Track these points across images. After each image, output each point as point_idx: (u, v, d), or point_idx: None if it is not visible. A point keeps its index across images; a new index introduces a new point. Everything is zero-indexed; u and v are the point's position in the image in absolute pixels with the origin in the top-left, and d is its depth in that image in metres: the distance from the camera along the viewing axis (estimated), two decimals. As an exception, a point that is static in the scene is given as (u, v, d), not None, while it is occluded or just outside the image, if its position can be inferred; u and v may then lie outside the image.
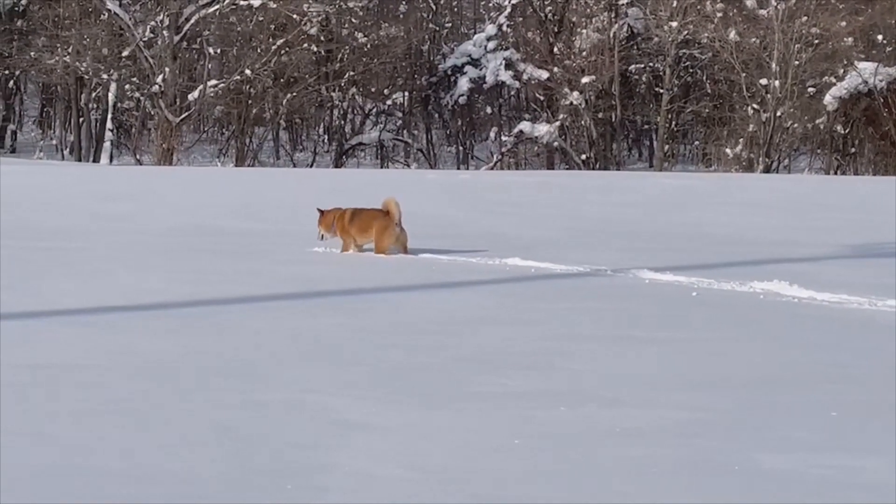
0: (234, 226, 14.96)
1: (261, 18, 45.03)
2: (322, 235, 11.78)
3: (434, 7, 53.08)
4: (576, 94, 44.42)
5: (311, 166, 48.39)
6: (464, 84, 48.85)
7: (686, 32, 43.10)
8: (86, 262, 10.35)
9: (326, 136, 52.79)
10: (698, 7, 42.89)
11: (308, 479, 4.24)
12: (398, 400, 5.45)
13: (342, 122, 50.89)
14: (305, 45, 46.06)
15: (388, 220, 11.18)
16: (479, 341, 6.97)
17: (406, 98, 51.78)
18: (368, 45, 48.50)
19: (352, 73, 48.41)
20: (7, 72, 51.00)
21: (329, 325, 7.40)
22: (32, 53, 46.92)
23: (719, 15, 42.64)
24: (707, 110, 45.41)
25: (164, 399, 5.33)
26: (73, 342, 6.56)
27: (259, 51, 44.78)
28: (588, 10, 46.79)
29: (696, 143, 48.54)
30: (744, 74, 41.73)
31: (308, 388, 5.61)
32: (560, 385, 5.86)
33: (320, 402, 5.34)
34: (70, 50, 45.46)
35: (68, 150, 49.78)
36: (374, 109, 51.20)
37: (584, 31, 46.04)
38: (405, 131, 51.70)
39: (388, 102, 50.56)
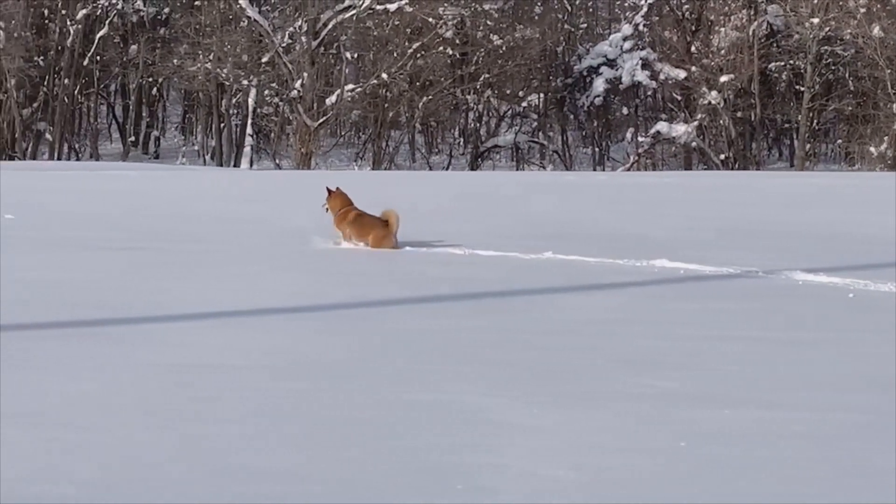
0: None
1: (397, 22, 45.39)
2: (327, 209, 12.20)
3: (569, 8, 52.88)
4: (714, 93, 43.86)
5: (447, 169, 48.62)
6: (599, 85, 48.59)
7: (828, 29, 42.24)
8: (232, 264, 10.50)
9: (462, 139, 53.00)
10: (840, 3, 42.01)
11: (476, 480, 4.21)
12: (555, 401, 5.40)
13: (477, 125, 51.03)
14: (441, 48, 46.33)
15: (385, 231, 11.65)
16: (633, 342, 6.89)
17: (541, 100, 51.68)
18: (503, 48, 48.55)
19: (487, 75, 48.52)
20: (151, 79, 52.26)
21: (479, 326, 7.39)
22: (175, 61, 48.01)
23: (862, 10, 41.69)
24: (850, 108, 44.44)
25: (318, 399, 5.36)
26: (223, 343, 6.64)
27: (395, 55, 45.17)
28: (726, 8, 46.17)
29: (839, 141, 47.54)
30: (888, 71, 40.75)
31: (463, 389, 5.60)
32: (717, 387, 5.75)
33: (476, 403, 5.31)
34: (211, 57, 46.38)
35: (210, 155, 50.76)
36: (510, 111, 51.22)
37: (723, 29, 45.44)
38: (540, 133, 51.62)
39: (524, 104, 50.54)
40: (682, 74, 45.63)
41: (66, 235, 12.75)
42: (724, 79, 43.62)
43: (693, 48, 46.19)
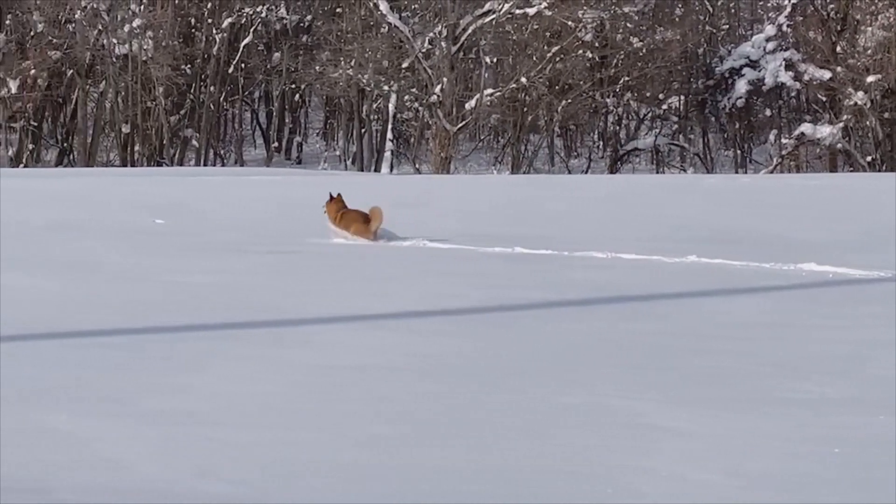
0: (514, 232, 15.09)
1: (536, 26, 45.33)
2: (325, 212, 13.41)
3: (711, 9, 52.23)
4: (860, 93, 42.90)
5: (586, 172, 48.40)
6: (742, 86, 47.89)
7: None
8: (379, 268, 10.62)
9: (601, 142, 52.71)
10: None
11: (626, 483, 4.21)
12: (706, 405, 5.35)
13: (617, 128, 50.72)
14: (580, 51, 46.13)
15: (365, 227, 12.70)
16: (784, 346, 6.79)
17: (682, 102, 51.15)
18: (643, 50, 48.18)
19: (626, 78, 48.19)
20: (293, 86, 53.05)
21: (627, 330, 7.36)
22: (317, 67, 48.63)
23: None
24: None
25: (468, 401, 5.40)
26: (370, 345, 6.72)
27: (534, 58, 45.10)
28: (873, 7, 45.12)
29: None
30: None
31: (612, 392, 5.58)
32: (871, 392, 5.64)
33: (627, 407, 5.30)
34: (352, 63, 46.89)
35: (350, 160, 51.33)
36: (650, 114, 50.78)
37: (869, 28, 44.42)
38: (681, 136, 51.08)
39: (664, 107, 50.07)
40: (826, 75, 44.73)
41: (216, 239, 13.02)
42: (870, 79, 42.64)
43: (838, 48, 45.24)
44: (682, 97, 50.98)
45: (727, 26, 53.36)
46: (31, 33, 46.06)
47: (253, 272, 10.05)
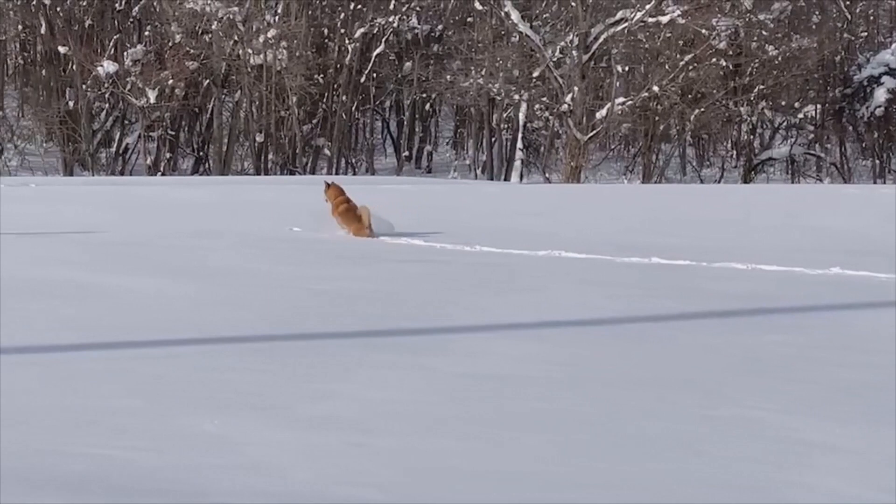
0: (648, 241, 14.96)
1: (669, 34, 44.96)
2: (326, 200, 14.57)
3: (848, 16, 51.23)
4: None
5: (719, 182, 47.80)
6: (881, 95, 46.88)
7: None
8: (521, 277, 10.63)
9: (734, 152, 52.03)
10: None
11: (782, 498, 4.14)
12: (854, 419, 5.25)
13: (750, 137, 50.00)
14: (714, 59, 45.61)
15: (360, 225, 14.08)
16: (935, 361, 6.63)
17: (818, 111, 50.25)
18: (779, 58, 47.44)
19: (761, 86, 47.52)
20: (424, 95, 53.39)
21: (773, 342, 7.25)
22: (448, 77, 48.88)
23: None
24: None
25: (610, 411, 5.37)
26: (510, 354, 6.72)
27: (667, 67, 44.73)
28: None
29: None
30: None
31: (760, 405, 5.50)
32: None
33: (775, 421, 5.22)
34: (483, 72, 47.03)
35: (480, 169, 51.43)
36: (784, 123, 49.99)
37: None
38: (817, 145, 50.16)
39: (800, 116, 49.24)
40: (970, 82, 43.59)
41: (351, 248, 13.16)
42: None
43: (983, 55, 44.06)
44: (819, 106, 50.08)
45: (865, 34, 52.28)
46: (170, 44, 47.10)
47: (390, 280, 10.12)
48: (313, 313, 8.06)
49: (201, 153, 51.15)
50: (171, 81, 46.29)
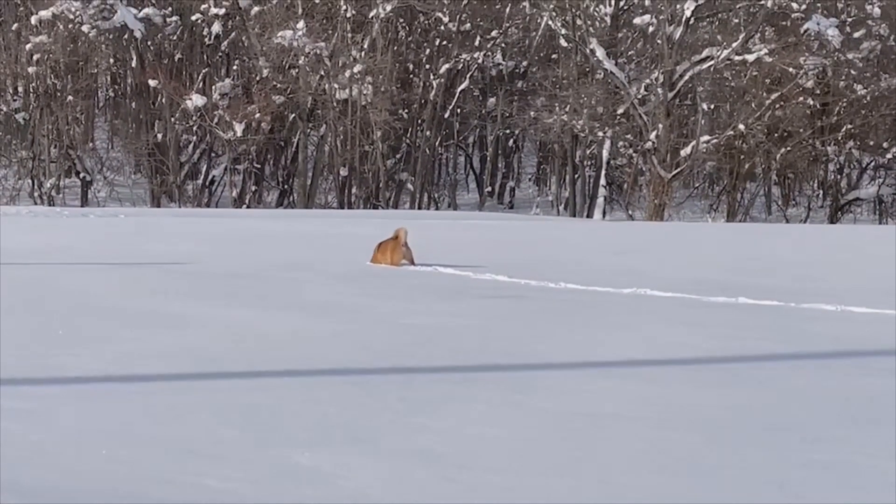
0: (734, 281, 14.84)
1: (755, 73, 44.68)
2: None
3: (940, 55, 50.57)
4: None
5: (805, 222, 47.33)
6: (972, 135, 46.20)
7: None
8: (607, 314, 10.59)
9: (821, 191, 51.48)
10: None
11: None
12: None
13: (837, 177, 49.45)
14: (801, 98, 45.23)
15: (396, 242, 14.95)
16: None
17: (908, 151, 49.60)
18: (867, 97, 46.92)
19: (849, 126, 47.03)
20: (507, 131, 53.54)
21: (867, 385, 7.13)
22: (532, 113, 48.97)
23: None
24: None
25: (709, 452, 5.31)
26: (602, 391, 6.68)
27: (753, 105, 44.43)
28: None
29: None
30: None
31: (860, 450, 5.42)
32: None
33: (876, 466, 5.13)
34: (567, 109, 47.05)
35: (563, 205, 51.38)
36: (872, 163, 49.39)
37: None
38: (906, 186, 49.50)
39: (888, 156, 48.61)
40: None
41: (439, 282, 13.20)
42: None
43: None
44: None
45: (957, 73, 51.57)
46: (257, 78, 47.70)
47: (478, 315, 10.14)
48: (405, 347, 8.09)
49: (286, 186, 51.63)
50: (257, 115, 46.86)
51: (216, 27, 49.08)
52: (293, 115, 48.79)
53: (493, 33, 50.78)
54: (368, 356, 7.68)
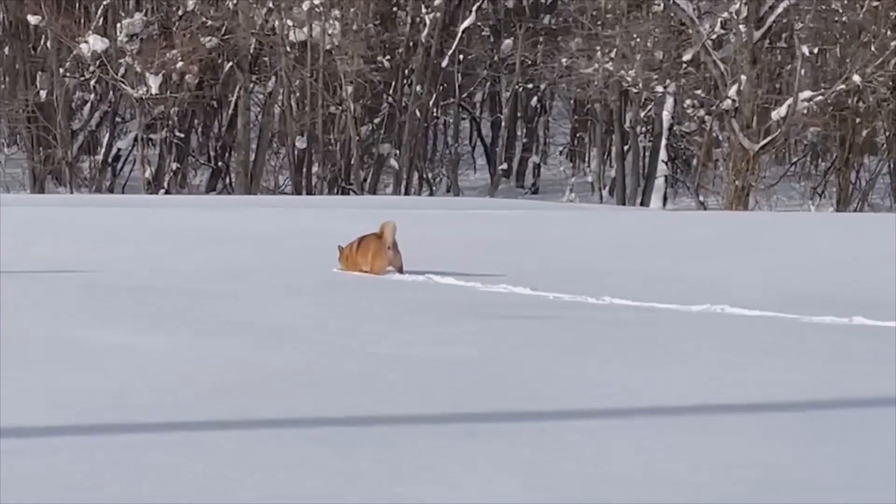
0: (848, 295, 14.91)
1: (875, 3, 44.74)
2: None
3: None
4: None
5: (947, 211, 47.45)
6: None
7: None
8: (668, 342, 10.62)
9: (970, 168, 51.60)
10: None
11: None
12: None
13: None
14: (941, 37, 45.31)
15: (379, 242, 15.07)
16: None
17: None
18: None
19: None
20: (530, 85, 53.46)
21: None
22: (563, 60, 49.00)
23: None
24: None
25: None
26: (666, 449, 6.70)
27: (873, 48, 44.49)
28: None
29: None
30: None
31: None
32: None
33: None
34: (613, 54, 47.12)
35: (607, 188, 51.48)
36: None
37: None
38: None
39: None
40: None
41: (439, 297, 13.23)
42: None
43: None
44: None
45: None
46: (179, 14, 47.77)
47: (488, 343, 10.17)
48: (385, 388, 8.12)
49: (220, 163, 51.70)
50: (180, 64, 46.91)
51: (122, -59, 49.21)
52: (230, 63, 48.83)
53: (509, -53, 50.95)
54: (334, 402, 7.70)
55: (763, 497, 5.88)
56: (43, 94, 48.69)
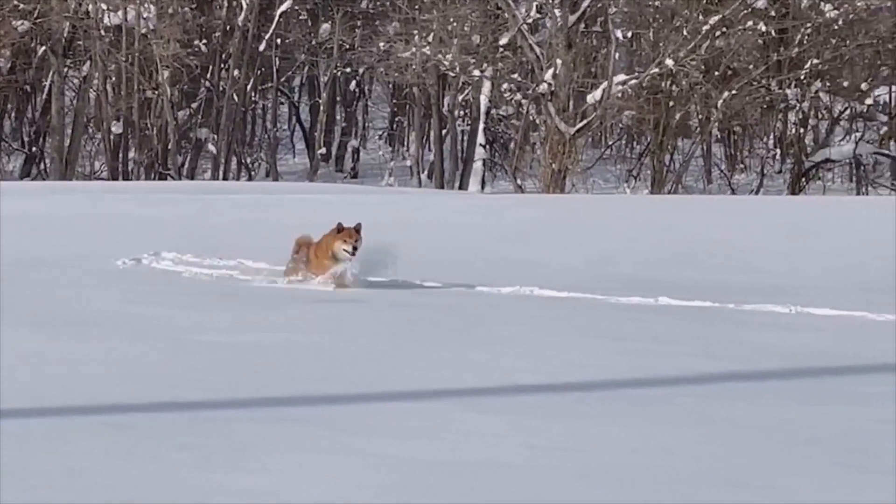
0: (656, 275, 15.07)
1: (688, -12, 45.30)
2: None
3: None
4: None
5: (757, 193, 48.15)
6: (980, 74, 47.49)
7: None
8: (481, 323, 10.70)
9: (778, 151, 52.42)
10: None
11: None
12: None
13: (801, 131, 50.42)
14: (749, 23, 45.95)
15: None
16: None
17: (893, 96, 50.76)
18: (839, 22, 47.77)
19: (815, 60, 47.89)
20: (348, 69, 53.36)
21: (831, 415, 7.34)
22: (381, 44, 48.96)
23: None
24: None
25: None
26: (488, 432, 6.73)
27: (685, 33, 44.99)
28: None
29: None
30: None
31: (824, 489, 5.62)
32: None
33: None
34: (430, 38, 47.16)
35: (426, 173, 51.57)
36: (847, 112, 50.43)
37: None
38: (892, 142, 50.66)
39: (868, 102, 49.69)
40: None
41: (251, 286, 13.18)
42: None
43: None
44: (894, 88, 50.58)
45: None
46: (-11, -5, 46.95)
47: (303, 329, 10.18)
48: (192, 374, 8.08)
49: (34, 149, 50.95)
50: (-9, 48, 46.11)
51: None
52: (43, 48, 48.13)
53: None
54: (139, 387, 7.64)
55: (571, 476, 5.94)
56: None
